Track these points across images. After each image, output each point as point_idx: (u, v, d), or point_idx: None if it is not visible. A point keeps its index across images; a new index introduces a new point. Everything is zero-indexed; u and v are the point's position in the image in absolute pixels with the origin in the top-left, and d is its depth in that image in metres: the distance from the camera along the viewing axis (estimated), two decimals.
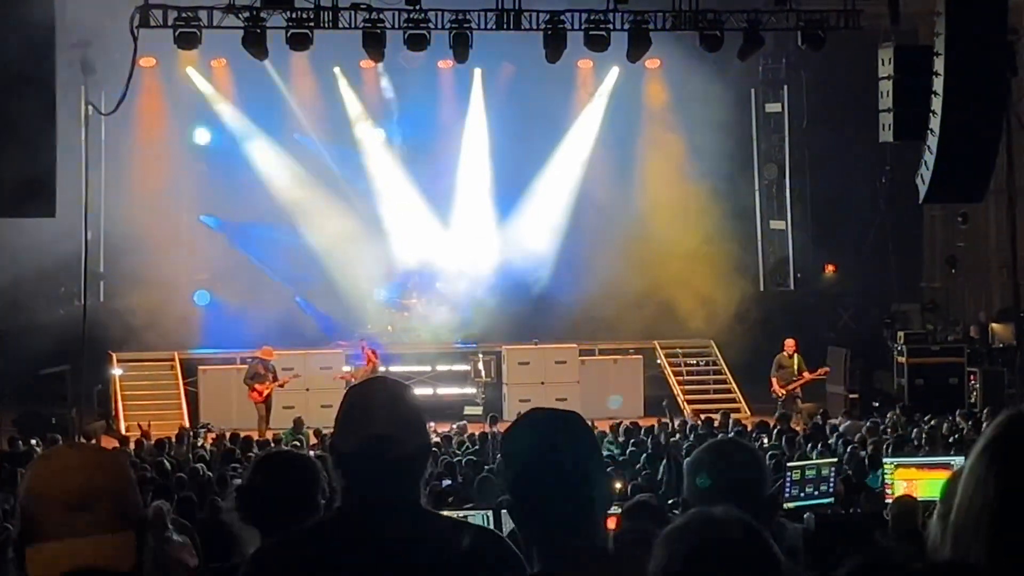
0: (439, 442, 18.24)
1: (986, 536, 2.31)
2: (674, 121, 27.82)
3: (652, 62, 26.58)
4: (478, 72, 27.51)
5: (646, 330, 26.63)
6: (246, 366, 23.44)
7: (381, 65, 25.32)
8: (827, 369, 24.17)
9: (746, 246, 28.58)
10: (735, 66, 24.65)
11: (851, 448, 16.63)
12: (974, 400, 23.29)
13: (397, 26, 21.10)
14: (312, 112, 27.67)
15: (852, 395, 24.55)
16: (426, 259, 28.05)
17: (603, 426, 18.96)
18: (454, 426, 20.87)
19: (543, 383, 25.12)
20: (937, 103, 20.22)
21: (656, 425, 19.78)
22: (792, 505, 12.75)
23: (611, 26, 21.58)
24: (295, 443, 18.53)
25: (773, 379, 23.39)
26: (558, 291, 27.62)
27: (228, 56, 25.56)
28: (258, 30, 20.69)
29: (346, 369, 24.55)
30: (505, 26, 21.42)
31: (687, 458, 4.63)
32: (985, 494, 2.32)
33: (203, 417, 23.66)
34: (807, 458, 15.52)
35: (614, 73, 27.70)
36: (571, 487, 3.22)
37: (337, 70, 27.40)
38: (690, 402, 25.18)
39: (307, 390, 23.61)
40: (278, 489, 4.28)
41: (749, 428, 20.17)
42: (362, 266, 27.22)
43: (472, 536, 3.39)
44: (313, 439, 19.33)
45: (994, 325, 27.19)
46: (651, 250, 26.98)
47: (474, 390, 25.07)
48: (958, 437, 17.62)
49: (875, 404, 23.93)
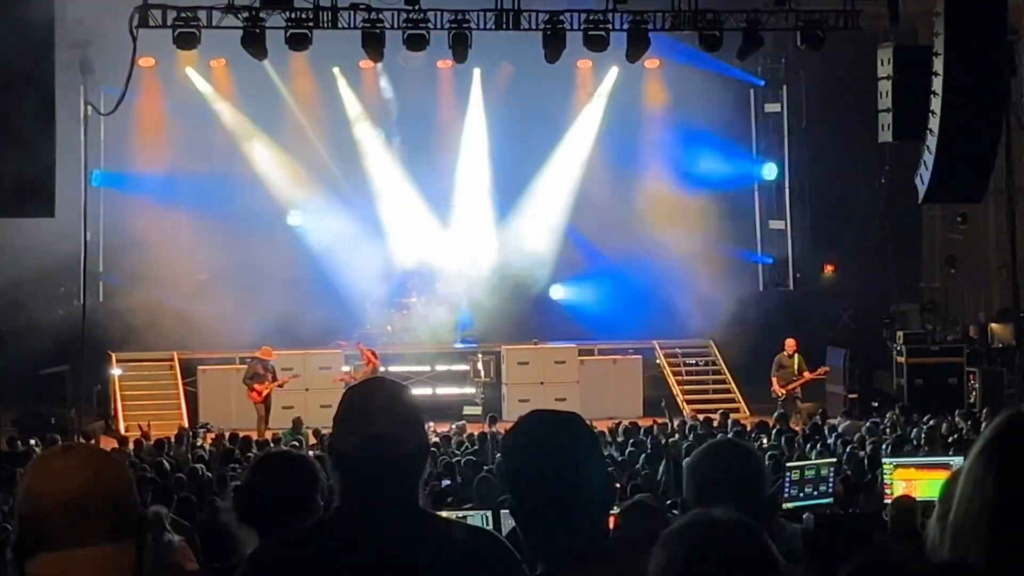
0: (438, 442, 18.23)
1: (985, 536, 2.31)
2: (673, 121, 27.81)
3: (651, 62, 26.57)
4: (477, 72, 27.48)
5: (645, 330, 26.59)
6: (245, 366, 23.44)
7: (380, 65, 25.29)
8: (826, 369, 24.15)
9: (745, 246, 28.58)
10: (734, 66, 24.66)
11: (850, 448, 16.62)
12: (973, 400, 23.29)
13: (396, 26, 21.09)
14: (311, 112, 27.66)
15: (851, 395, 24.53)
16: (425, 259, 28.02)
17: (602, 426, 18.97)
18: (453, 426, 20.86)
19: (542, 383, 25.10)
20: (936, 103, 20.21)
21: (655, 425, 19.76)
22: (791, 505, 12.75)
23: (610, 26, 21.57)
24: (294, 443, 18.51)
25: (773, 379, 23.38)
26: (557, 291, 27.59)
27: (227, 56, 25.53)
28: (257, 30, 20.68)
29: (345, 369, 24.53)
30: (504, 26, 21.40)
31: (686, 458, 4.63)
32: (984, 494, 2.32)
33: (202, 417, 23.65)
34: (806, 458, 15.52)
35: (613, 73, 27.66)
36: (572, 488, 3.22)
37: (336, 70, 27.37)
38: (689, 402, 25.13)
39: (306, 390, 23.60)
40: (277, 490, 4.27)
41: (748, 428, 20.17)
42: (361, 266, 27.20)
43: (470, 537, 3.40)
44: (312, 439, 19.32)
45: (993, 325, 27.18)
46: (650, 250, 26.98)
47: (473, 390, 25.05)
48: (957, 437, 17.61)
49: (874, 404, 23.92)
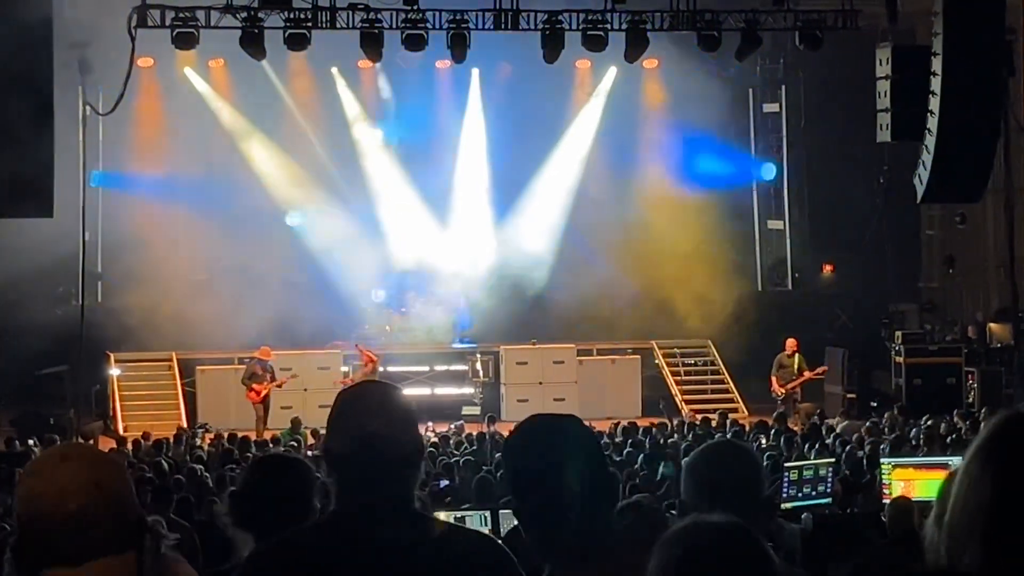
0: (437, 442, 18.23)
1: (982, 537, 2.30)
2: (672, 121, 27.81)
3: (650, 62, 26.55)
4: (476, 72, 27.47)
5: (644, 330, 26.60)
6: (244, 366, 23.43)
7: (379, 65, 25.25)
8: (825, 368, 24.16)
9: (744, 246, 28.58)
10: (733, 66, 24.64)
11: (849, 448, 16.61)
12: (972, 400, 23.28)
13: (395, 26, 21.08)
14: (310, 112, 27.65)
15: (850, 395, 24.53)
16: (424, 259, 28.00)
17: (601, 426, 18.96)
18: (452, 426, 20.87)
19: (541, 383, 25.10)
20: (935, 103, 20.20)
21: (653, 425, 19.76)
22: (790, 505, 12.74)
23: (609, 26, 21.57)
24: (292, 443, 18.50)
25: (773, 378, 23.37)
26: (556, 291, 27.60)
27: (226, 56, 25.53)
28: (256, 30, 20.67)
29: (344, 370, 24.54)
30: (503, 26, 21.40)
31: (685, 458, 4.63)
32: (981, 495, 2.31)
33: (201, 417, 23.66)
34: (805, 458, 15.50)
35: (612, 73, 27.66)
36: (573, 490, 3.22)
37: (335, 70, 27.38)
38: (688, 402, 25.13)
39: (305, 390, 23.57)
40: (273, 492, 4.25)
41: (747, 428, 20.16)
42: (360, 266, 27.18)
43: (467, 540, 3.39)
44: (311, 439, 19.30)
45: (992, 325, 27.17)
46: (649, 250, 26.97)
47: (472, 390, 25.06)
48: (956, 437, 17.59)
49: (873, 404, 23.93)
